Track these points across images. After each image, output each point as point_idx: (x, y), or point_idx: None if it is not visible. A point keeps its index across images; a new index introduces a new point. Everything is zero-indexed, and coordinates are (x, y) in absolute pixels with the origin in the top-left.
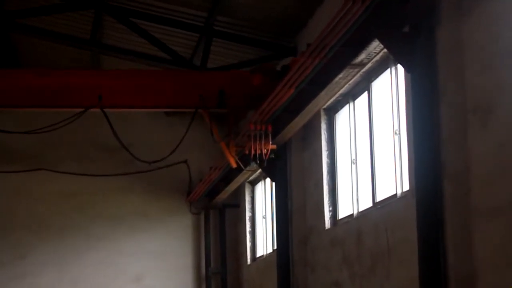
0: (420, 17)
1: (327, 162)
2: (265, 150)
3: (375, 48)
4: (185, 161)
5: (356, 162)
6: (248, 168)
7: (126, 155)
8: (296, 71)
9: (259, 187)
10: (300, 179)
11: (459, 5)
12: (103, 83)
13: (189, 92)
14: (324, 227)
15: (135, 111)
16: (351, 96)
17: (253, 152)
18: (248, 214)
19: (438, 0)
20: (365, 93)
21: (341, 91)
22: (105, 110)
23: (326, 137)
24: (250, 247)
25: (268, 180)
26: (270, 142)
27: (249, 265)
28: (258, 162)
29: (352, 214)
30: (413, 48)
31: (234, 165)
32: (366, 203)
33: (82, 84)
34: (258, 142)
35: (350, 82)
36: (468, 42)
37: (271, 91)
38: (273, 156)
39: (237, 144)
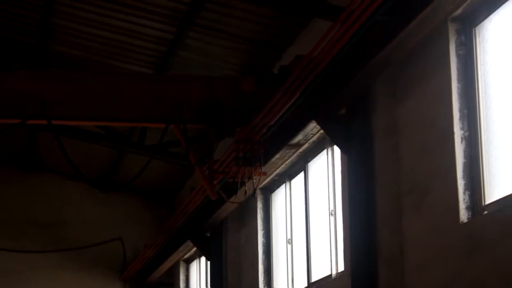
0: (356, 100)
1: (262, 241)
2: (255, 177)
3: (312, 129)
4: (120, 238)
5: (291, 242)
6: (232, 199)
7: (58, 232)
8: (233, 150)
9: (194, 265)
10: (235, 258)
11: (394, 90)
12: (48, 88)
13: (159, 101)
14: None
15: (86, 124)
16: (287, 176)
17: (239, 179)
18: None
19: (374, 84)
20: (302, 173)
21: (277, 171)
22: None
23: (262, 216)
24: None
25: (203, 258)
26: (262, 168)
27: None
28: (246, 191)
29: None
30: (350, 130)
31: (213, 197)
32: (301, 283)
33: (22, 89)
34: (246, 167)
35: (286, 162)
36: (403, 126)
37: (265, 100)
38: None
39: (217, 169)
